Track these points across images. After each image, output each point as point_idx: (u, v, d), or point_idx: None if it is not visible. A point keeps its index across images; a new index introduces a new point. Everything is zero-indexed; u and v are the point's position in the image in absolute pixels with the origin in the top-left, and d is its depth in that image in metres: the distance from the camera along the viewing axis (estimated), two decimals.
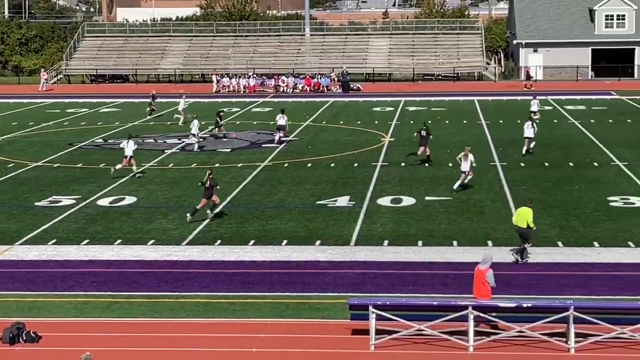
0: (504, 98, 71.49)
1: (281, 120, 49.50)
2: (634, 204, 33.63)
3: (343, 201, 35.02)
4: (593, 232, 29.70)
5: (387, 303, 20.49)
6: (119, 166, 39.90)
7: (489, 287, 20.60)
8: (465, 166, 35.98)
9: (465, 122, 57.72)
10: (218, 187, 32.37)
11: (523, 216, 26.40)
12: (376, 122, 57.96)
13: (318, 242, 29.12)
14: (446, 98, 72.17)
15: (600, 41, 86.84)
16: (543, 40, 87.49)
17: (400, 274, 25.64)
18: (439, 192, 36.26)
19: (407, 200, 34.87)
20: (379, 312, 20.20)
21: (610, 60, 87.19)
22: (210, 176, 31.41)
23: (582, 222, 31.06)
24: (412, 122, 57.83)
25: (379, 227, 30.93)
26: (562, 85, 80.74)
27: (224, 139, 51.29)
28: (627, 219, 31.34)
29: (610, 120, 57.02)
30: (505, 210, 32.87)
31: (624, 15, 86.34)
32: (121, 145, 42.22)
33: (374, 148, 47.48)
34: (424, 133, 42.09)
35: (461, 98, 71.94)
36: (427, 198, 35.06)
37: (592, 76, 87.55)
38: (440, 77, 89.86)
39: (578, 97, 70.64)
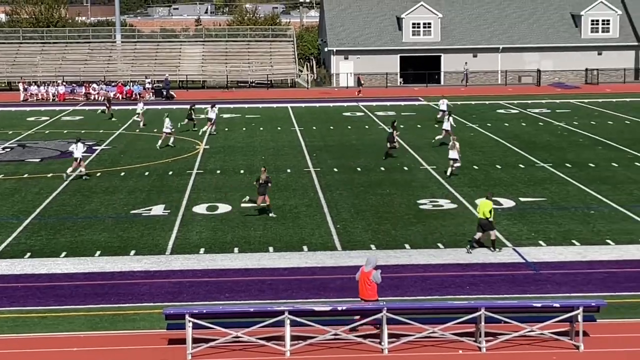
0: (317, 105, 72.50)
1: (211, 113, 54.48)
2: (442, 206, 34.72)
3: (158, 210, 34.63)
4: (404, 234, 30.48)
5: (204, 311, 20.36)
6: (69, 170, 40.48)
7: (374, 288, 20.96)
8: (453, 154, 40.03)
9: (279, 128, 58.18)
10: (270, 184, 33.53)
11: (482, 208, 28.02)
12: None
13: (133, 252, 28.68)
14: (260, 105, 72.56)
15: (408, 48, 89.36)
16: (353, 47, 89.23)
17: (216, 281, 25.57)
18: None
19: (223, 208, 34.82)
20: (196, 321, 20.07)
21: (417, 67, 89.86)
22: (265, 173, 33.13)
23: (394, 225, 31.83)
24: (227, 129, 57.79)
25: (195, 235, 30.76)
26: (372, 91, 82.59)
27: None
28: (436, 220, 32.34)
29: (419, 126, 58.72)
30: (320, 216, 33.31)
31: (430, 24, 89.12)
32: (70, 149, 42.07)
33: (189, 156, 47.17)
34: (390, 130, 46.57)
35: (275, 105, 72.48)
36: (242, 205, 35.11)
37: (400, 82, 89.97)
38: (253, 84, 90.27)
39: (388, 104, 72.41)
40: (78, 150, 40.56)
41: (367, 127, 58.73)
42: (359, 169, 42.88)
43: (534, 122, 59.97)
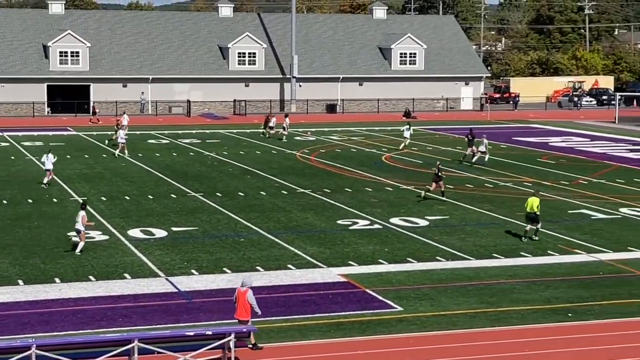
0: None
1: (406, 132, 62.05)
2: (93, 238, 33.96)
3: None
4: (54, 268, 29.57)
5: None
6: (46, 180, 45.24)
7: (249, 308, 21.47)
8: (482, 148, 53.49)
9: None
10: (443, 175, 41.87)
11: (531, 204, 33.16)
12: None
13: None
14: None
15: (56, 77, 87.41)
16: None
17: None
18: None
19: None
20: None
21: (66, 97, 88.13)
22: (439, 166, 42.01)
23: (43, 258, 30.79)
24: None
25: None
26: (19, 121, 79.91)
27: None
28: (88, 253, 31.56)
29: (69, 156, 57.47)
30: None
31: (78, 52, 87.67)
32: (42, 160, 46.58)
33: None
34: (470, 137, 54.78)
35: None
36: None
37: (48, 112, 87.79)
38: None
39: (35, 133, 70.33)
40: (49, 161, 45.18)
41: (13, 157, 56.64)
42: (4, 201, 41.17)
43: (185, 152, 60.64)
